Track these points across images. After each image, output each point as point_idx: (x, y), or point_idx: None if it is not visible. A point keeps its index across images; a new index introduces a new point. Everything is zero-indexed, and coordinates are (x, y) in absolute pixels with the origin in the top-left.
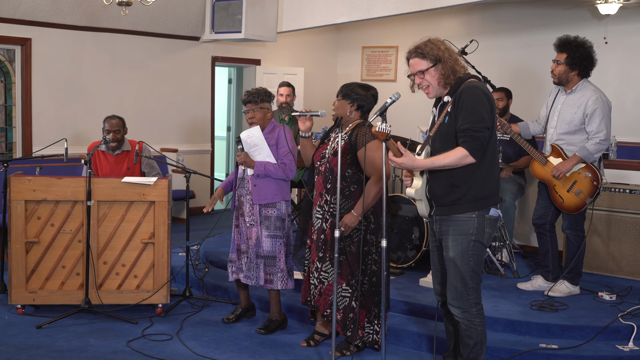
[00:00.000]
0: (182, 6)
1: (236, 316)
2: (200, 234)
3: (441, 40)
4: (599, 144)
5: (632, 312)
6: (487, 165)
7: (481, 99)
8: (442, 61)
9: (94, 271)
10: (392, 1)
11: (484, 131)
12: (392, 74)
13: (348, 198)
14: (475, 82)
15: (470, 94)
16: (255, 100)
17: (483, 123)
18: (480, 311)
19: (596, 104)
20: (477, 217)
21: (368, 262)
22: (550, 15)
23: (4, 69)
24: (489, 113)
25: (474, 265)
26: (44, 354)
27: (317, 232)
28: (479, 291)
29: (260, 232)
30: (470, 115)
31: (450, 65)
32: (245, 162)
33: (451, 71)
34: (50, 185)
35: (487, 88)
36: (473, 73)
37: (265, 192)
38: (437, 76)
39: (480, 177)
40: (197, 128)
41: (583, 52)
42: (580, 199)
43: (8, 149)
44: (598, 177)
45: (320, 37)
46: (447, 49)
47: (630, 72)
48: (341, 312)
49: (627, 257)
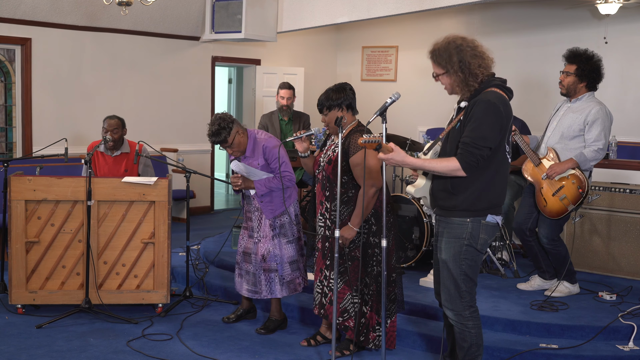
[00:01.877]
0: (182, 6)
1: (237, 316)
2: (200, 234)
3: (458, 45)
4: (596, 152)
5: (632, 312)
6: (487, 179)
7: (490, 116)
8: (452, 72)
9: (94, 271)
10: (392, 1)
11: (484, 150)
12: (392, 74)
13: (347, 204)
14: (491, 95)
15: (481, 108)
16: (223, 140)
17: (484, 142)
18: (474, 314)
19: (598, 114)
20: (471, 222)
21: (373, 264)
22: (550, 15)
23: (4, 69)
24: (495, 131)
25: (467, 269)
26: (44, 354)
27: (321, 240)
28: (472, 295)
29: (278, 242)
30: (474, 131)
31: (463, 76)
32: (246, 187)
33: (466, 79)
34: (51, 185)
35: (503, 99)
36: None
37: (274, 204)
38: (451, 82)
39: (477, 191)
40: (197, 128)
41: (593, 65)
42: (563, 205)
43: (8, 149)
44: (584, 186)
45: (320, 37)
46: (461, 59)
47: (630, 72)
48: (353, 319)
49: (627, 257)
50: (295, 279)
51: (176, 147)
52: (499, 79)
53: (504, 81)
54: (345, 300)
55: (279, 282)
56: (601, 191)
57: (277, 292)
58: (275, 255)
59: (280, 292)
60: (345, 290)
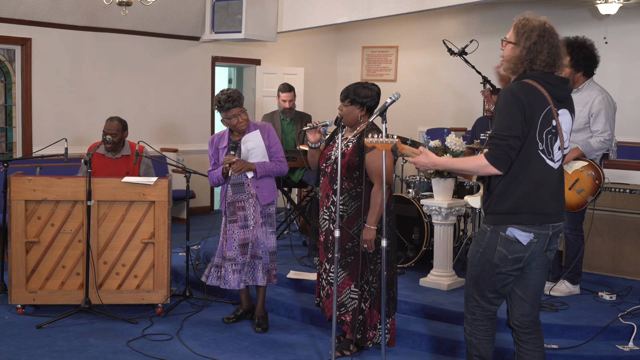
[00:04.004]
0: (182, 6)
1: (236, 316)
2: (200, 234)
3: (546, 30)
4: (602, 142)
5: (632, 312)
6: (512, 176)
7: (510, 105)
8: (521, 47)
9: (94, 271)
10: (392, 1)
11: (511, 140)
12: (392, 74)
13: (355, 199)
14: (514, 85)
15: (502, 98)
16: (240, 104)
17: (508, 131)
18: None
19: (602, 104)
20: (491, 231)
21: (377, 261)
22: (550, 15)
23: (4, 69)
24: (518, 119)
25: (477, 277)
26: (44, 354)
27: (325, 233)
28: (480, 305)
29: (265, 230)
30: (497, 123)
31: (522, 56)
32: (243, 168)
33: (522, 61)
34: (51, 185)
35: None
36: (540, 70)
37: (267, 191)
38: (511, 55)
39: (502, 188)
40: (197, 128)
41: (586, 52)
42: (582, 197)
43: (8, 149)
44: (600, 176)
45: (320, 37)
46: (535, 42)
47: (630, 72)
48: (350, 314)
49: (627, 257)
50: (272, 270)
51: (176, 147)
52: (540, 73)
53: (548, 74)
54: (343, 295)
55: (261, 269)
56: (601, 191)
57: (259, 280)
58: (262, 242)
59: (262, 279)
60: (345, 284)
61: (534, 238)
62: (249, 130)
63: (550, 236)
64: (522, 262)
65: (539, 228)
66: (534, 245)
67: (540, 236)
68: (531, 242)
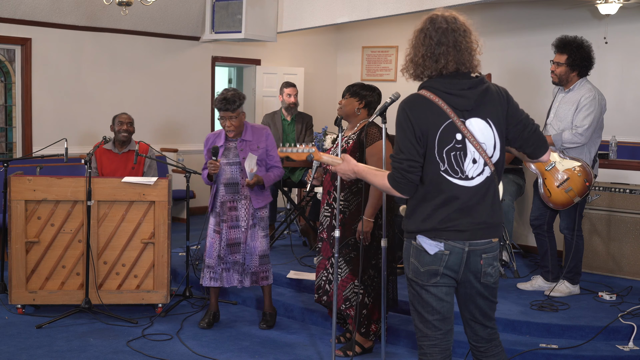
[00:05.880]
0: (182, 6)
1: (209, 322)
2: (200, 234)
3: (427, 22)
4: (574, 136)
5: (632, 312)
6: (420, 198)
7: (400, 123)
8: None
9: (94, 271)
10: (392, 1)
11: (404, 163)
12: (392, 74)
13: (356, 194)
14: (407, 99)
15: (397, 114)
16: (232, 109)
17: (400, 154)
18: (422, 344)
19: (587, 100)
20: (406, 239)
21: (379, 257)
22: (550, 15)
23: (4, 69)
24: (409, 141)
25: (411, 299)
26: (44, 354)
27: (327, 230)
28: (425, 335)
29: (256, 233)
30: (395, 142)
31: (408, 60)
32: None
33: (407, 68)
34: (51, 185)
35: (413, 100)
36: (445, 73)
37: (262, 195)
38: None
39: (410, 210)
40: (197, 128)
41: (583, 53)
42: (569, 197)
43: (8, 149)
44: (591, 179)
45: (320, 37)
46: (418, 42)
47: (630, 72)
48: (355, 308)
49: (627, 257)
50: (260, 272)
51: (176, 147)
52: (440, 79)
53: (452, 79)
54: (347, 289)
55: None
56: (601, 191)
57: (245, 281)
58: (249, 245)
59: (246, 281)
60: (348, 279)
61: (445, 250)
62: (245, 131)
63: (468, 253)
64: (438, 276)
65: (452, 241)
66: (447, 259)
67: (453, 249)
68: (442, 254)
